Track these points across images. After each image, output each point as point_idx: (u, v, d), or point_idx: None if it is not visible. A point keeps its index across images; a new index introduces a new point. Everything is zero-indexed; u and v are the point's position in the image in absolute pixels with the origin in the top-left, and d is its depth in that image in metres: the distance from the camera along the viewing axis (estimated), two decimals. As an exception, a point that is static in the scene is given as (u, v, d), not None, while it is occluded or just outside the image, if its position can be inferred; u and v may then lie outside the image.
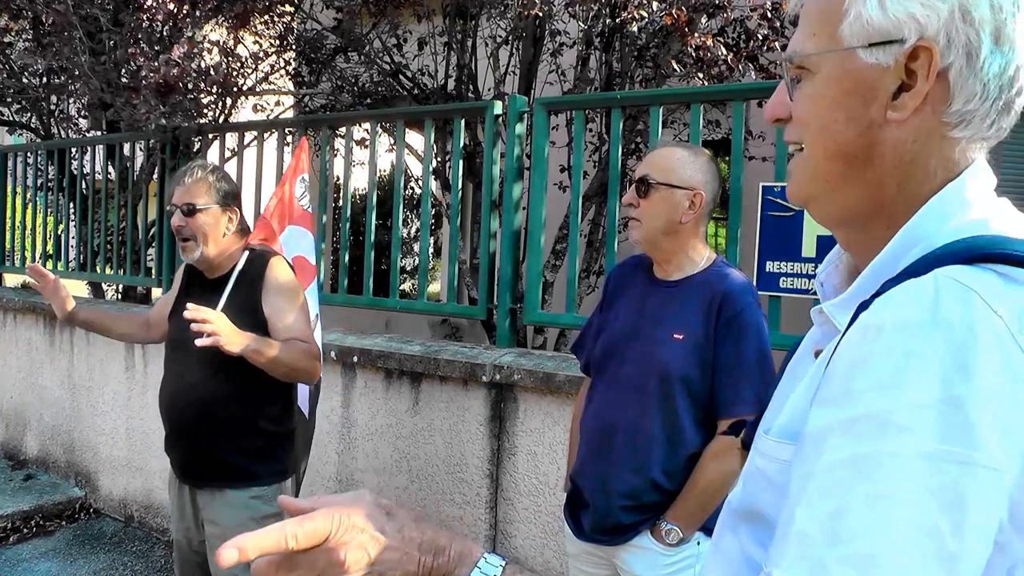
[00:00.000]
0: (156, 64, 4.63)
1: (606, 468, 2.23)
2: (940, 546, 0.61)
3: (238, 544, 0.75)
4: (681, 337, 2.17)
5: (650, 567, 2.18)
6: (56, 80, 6.46)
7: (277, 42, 5.86)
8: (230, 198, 2.77)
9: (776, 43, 4.57)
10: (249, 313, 2.63)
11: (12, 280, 7.16)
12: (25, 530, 5.00)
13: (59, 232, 6.68)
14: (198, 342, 2.32)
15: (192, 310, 2.31)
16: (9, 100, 6.65)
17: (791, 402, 0.84)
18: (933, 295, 0.67)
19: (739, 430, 1.15)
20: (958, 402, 0.63)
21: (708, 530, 2.19)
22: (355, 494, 0.84)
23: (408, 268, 10.27)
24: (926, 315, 0.67)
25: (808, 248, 3.53)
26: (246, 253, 2.76)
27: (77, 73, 5.47)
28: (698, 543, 2.19)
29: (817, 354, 0.88)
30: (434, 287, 9.47)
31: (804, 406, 0.78)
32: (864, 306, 0.73)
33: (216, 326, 2.33)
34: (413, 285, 10.20)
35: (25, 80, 6.53)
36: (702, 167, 2.26)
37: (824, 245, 3.29)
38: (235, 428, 2.67)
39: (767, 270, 3.63)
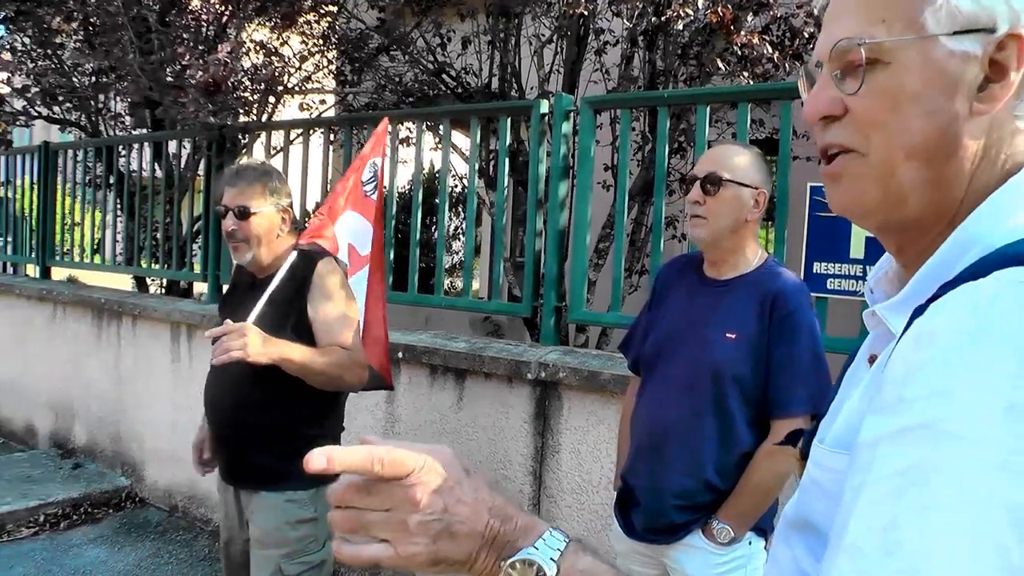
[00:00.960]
0: (204, 63, 4.71)
1: (658, 468, 2.23)
2: (1004, 560, 0.57)
3: (327, 453, 0.75)
4: (734, 336, 2.16)
5: (701, 566, 2.18)
6: (105, 79, 6.58)
7: (321, 41, 5.92)
8: (284, 199, 2.73)
9: (823, 42, 4.52)
10: (292, 316, 2.58)
11: (59, 274, 7.31)
12: (75, 517, 5.12)
13: (105, 227, 6.81)
14: (213, 361, 2.32)
15: (222, 328, 2.33)
16: (61, 99, 6.78)
17: (846, 411, 0.81)
18: (992, 299, 0.64)
19: (796, 439, 1.14)
20: (1020, 410, 0.59)
21: (760, 530, 2.20)
22: (436, 446, 0.82)
23: (446, 266, 10.32)
24: (984, 320, 0.63)
25: (856, 249, 3.50)
26: (294, 253, 2.66)
27: (126, 72, 5.57)
28: (749, 543, 2.19)
29: (872, 359, 0.85)
30: (474, 285, 9.51)
31: (859, 415, 0.75)
32: (919, 311, 0.70)
33: (234, 342, 2.29)
34: (451, 283, 10.25)
35: (75, 80, 6.66)
36: (764, 166, 2.28)
37: (873, 246, 3.26)
38: (268, 432, 2.62)
39: (814, 271, 3.61)
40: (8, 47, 6.73)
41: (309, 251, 2.70)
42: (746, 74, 4.54)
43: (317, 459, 0.75)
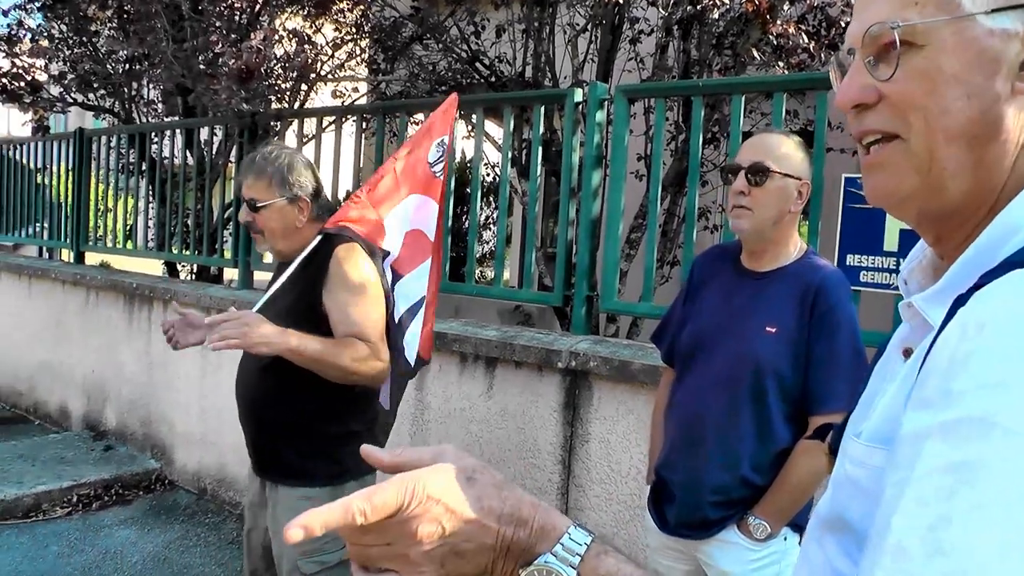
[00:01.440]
0: (237, 50, 4.73)
1: (695, 462, 2.21)
2: None
3: (303, 523, 0.71)
4: (774, 330, 2.13)
5: (736, 562, 2.16)
6: (138, 66, 6.64)
7: (354, 29, 5.93)
8: (299, 188, 2.54)
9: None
10: (308, 304, 2.45)
11: (93, 259, 7.39)
12: (106, 498, 5.19)
13: (137, 213, 6.88)
14: (208, 345, 2.23)
15: (224, 315, 2.25)
16: (95, 85, 6.86)
17: (883, 404, 0.78)
18: None
19: (825, 433, 1.11)
20: None
21: (795, 526, 2.17)
22: (437, 450, 0.79)
23: (477, 256, 10.33)
24: None
25: (890, 242, 3.46)
26: (318, 238, 2.51)
27: (160, 59, 5.61)
28: (784, 539, 2.17)
29: (906, 352, 0.83)
30: (505, 275, 9.52)
31: (897, 409, 0.72)
32: (961, 300, 0.67)
33: (232, 330, 2.20)
34: (481, 272, 10.25)
35: (109, 67, 6.73)
36: (807, 156, 2.25)
37: (907, 238, 3.22)
38: (281, 427, 2.53)
39: (848, 263, 3.57)
40: (45, 34, 6.80)
41: (334, 234, 2.53)
42: (781, 64, 4.48)
43: (294, 532, 0.71)
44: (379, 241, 2.69)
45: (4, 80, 6.68)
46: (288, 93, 5.39)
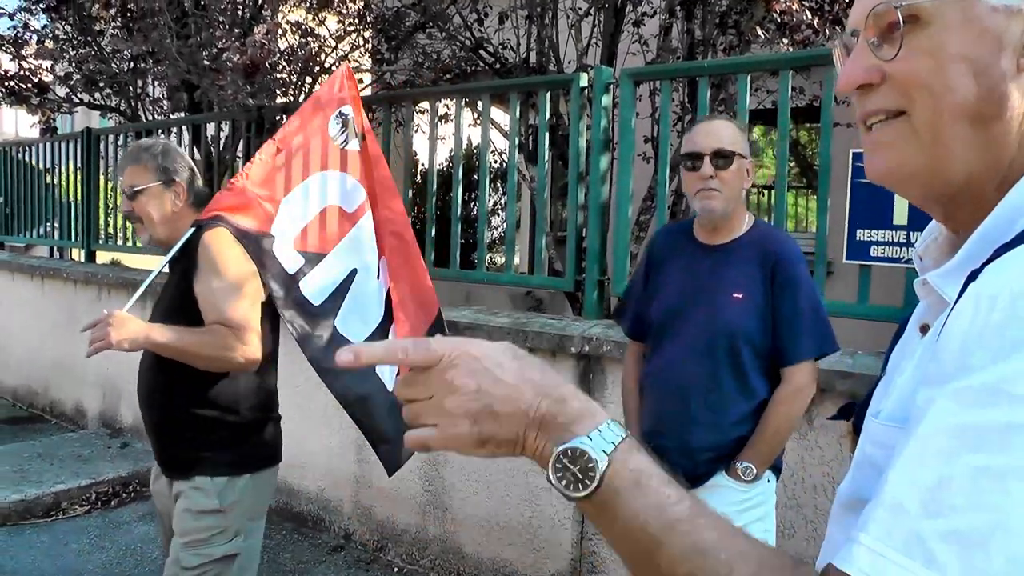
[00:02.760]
0: (241, 45, 4.73)
1: (686, 427, 2.38)
2: None
3: (355, 350, 0.76)
4: (740, 296, 2.33)
5: (727, 503, 2.31)
6: (143, 64, 6.66)
7: (357, 20, 5.92)
8: (173, 173, 2.56)
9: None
10: (183, 295, 2.43)
11: (103, 257, 7.43)
12: (124, 495, 5.22)
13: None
14: (87, 352, 2.24)
15: (94, 320, 2.26)
16: (101, 85, 6.88)
17: (899, 384, 0.78)
18: None
19: (848, 413, 1.10)
20: None
21: (776, 468, 2.44)
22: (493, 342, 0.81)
23: (486, 242, 10.32)
24: None
25: (900, 216, 3.45)
26: (191, 229, 2.49)
27: (164, 56, 5.62)
28: (768, 480, 2.41)
29: (923, 329, 0.82)
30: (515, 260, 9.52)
31: (912, 387, 0.72)
32: (974, 275, 0.68)
33: (103, 331, 2.21)
34: (491, 258, 10.26)
35: (115, 66, 6.74)
36: (747, 138, 2.50)
37: (917, 212, 3.21)
38: (171, 420, 2.50)
39: (857, 239, 3.56)
40: (50, 36, 6.82)
41: (205, 223, 2.50)
42: (785, 41, 4.46)
43: (344, 355, 0.75)
44: (260, 226, 2.65)
45: (11, 83, 6.70)
46: (293, 86, 5.39)
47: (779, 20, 4.39)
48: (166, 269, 2.57)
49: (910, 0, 0.75)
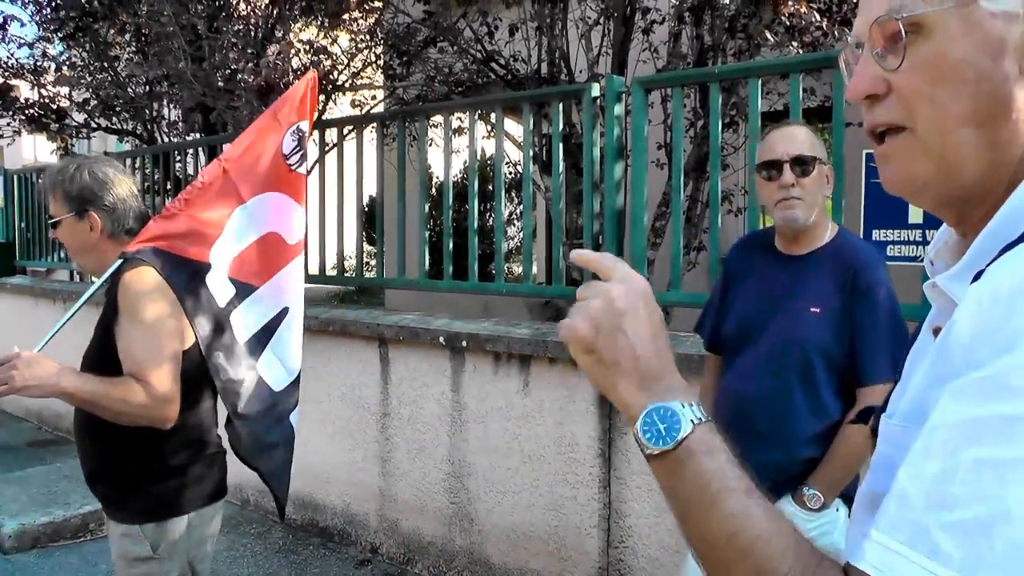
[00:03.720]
0: (255, 67, 4.79)
1: (751, 444, 2.20)
2: None
3: (578, 252, 0.90)
4: (818, 311, 2.22)
5: None
6: (159, 88, 6.74)
7: (368, 37, 5.98)
8: (86, 203, 2.32)
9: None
10: (104, 338, 2.27)
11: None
12: (152, 515, 5.25)
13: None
14: None
15: (3, 356, 2.12)
16: (118, 109, 6.97)
17: (912, 385, 0.79)
18: None
19: (868, 416, 1.12)
20: None
21: (846, 497, 2.25)
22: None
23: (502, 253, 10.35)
24: None
25: (915, 214, 3.45)
26: (117, 262, 2.28)
27: (180, 80, 5.69)
28: (836, 509, 2.25)
29: (936, 331, 0.83)
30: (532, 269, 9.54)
31: (925, 388, 0.74)
32: (980, 275, 0.69)
33: (7, 373, 2.08)
34: (508, 268, 10.29)
35: (131, 90, 6.83)
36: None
37: (932, 211, 3.21)
38: (98, 460, 2.36)
39: (873, 238, 3.57)
40: (68, 63, 6.93)
41: (130, 258, 2.28)
42: (795, 44, 4.47)
43: (576, 255, 0.90)
44: (199, 253, 2.43)
45: (31, 110, 6.80)
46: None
47: (788, 23, 4.41)
48: (85, 304, 2.39)
49: (912, 10, 0.76)
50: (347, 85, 5.97)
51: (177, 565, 2.33)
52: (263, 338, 2.56)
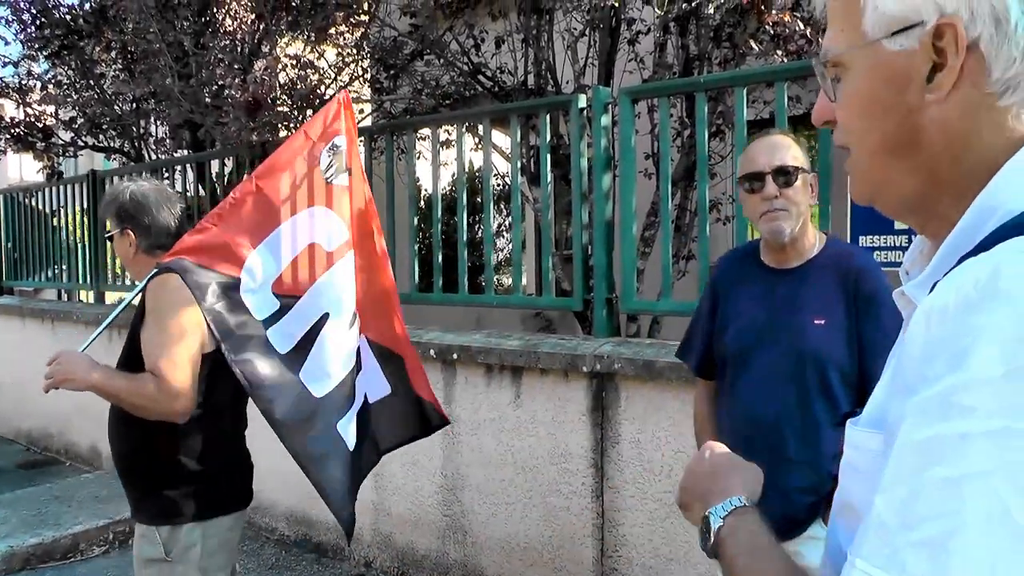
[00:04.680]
0: (243, 83, 4.79)
1: (779, 467, 2.14)
2: (1014, 528, 0.59)
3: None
4: (823, 322, 2.16)
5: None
6: (146, 105, 6.73)
7: (355, 51, 5.99)
8: (125, 221, 2.58)
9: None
10: (134, 340, 2.45)
11: (112, 298, 7.46)
12: (144, 535, 5.22)
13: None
14: (43, 387, 2.34)
15: (52, 357, 2.35)
16: (104, 127, 6.95)
17: (877, 391, 0.83)
18: (992, 269, 0.66)
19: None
20: (1021, 376, 0.61)
21: None
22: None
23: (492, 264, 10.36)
24: (986, 289, 0.65)
25: (897, 220, 3.47)
26: (152, 272, 2.49)
27: (167, 97, 5.69)
28: None
29: None
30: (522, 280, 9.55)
31: (886, 392, 0.78)
32: (935, 286, 0.72)
33: (51, 369, 2.32)
34: (498, 280, 10.30)
35: (117, 108, 6.82)
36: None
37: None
38: (123, 461, 2.51)
39: (860, 244, 3.59)
40: (53, 81, 6.91)
41: (163, 267, 2.47)
42: (780, 52, 4.50)
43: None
44: (229, 269, 2.57)
45: (17, 129, 6.78)
46: (295, 120, 5.45)
47: (772, 32, 4.43)
48: (128, 311, 2.63)
49: (834, 52, 0.85)
50: (336, 99, 5.96)
51: (190, 571, 2.40)
52: (305, 346, 2.67)
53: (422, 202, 9.44)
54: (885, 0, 0.79)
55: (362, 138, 5.22)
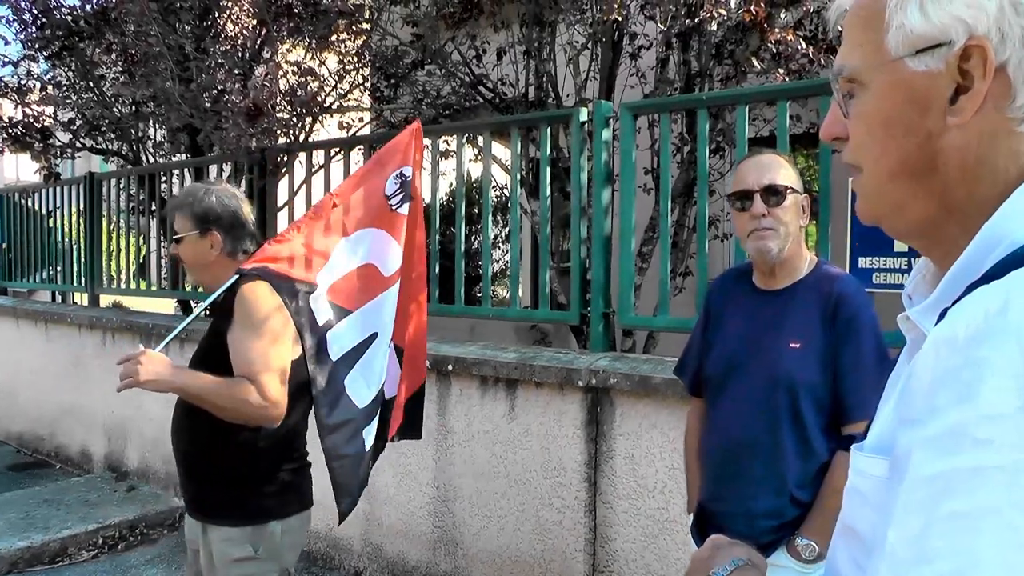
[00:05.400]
0: (243, 88, 4.78)
1: (743, 490, 2.19)
2: None
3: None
4: (798, 345, 2.14)
5: None
6: (146, 108, 6.72)
7: (356, 59, 5.99)
8: (210, 223, 2.58)
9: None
10: (218, 343, 2.46)
11: (107, 300, 7.44)
12: (131, 538, 5.20)
13: (150, 253, 6.92)
14: (117, 387, 2.30)
15: (127, 354, 2.30)
16: (103, 129, 6.93)
17: (882, 416, 0.83)
18: (1004, 300, 0.65)
19: (848, 445, 1.14)
20: None
21: None
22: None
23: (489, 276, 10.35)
24: (997, 322, 0.64)
25: (901, 242, 3.47)
26: (233, 277, 2.52)
27: (167, 100, 5.68)
28: None
29: None
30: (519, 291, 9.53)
31: (892, 421, 0.77)
32: (944, 314, 0.71)
33: (128, 368, 2.26)
34: (494, 292, 10.28)
35: (116, 110, 6.81)
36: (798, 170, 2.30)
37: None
38: (201, 465, 2.53)
39: (860, 266, 3.58)
40: (53, 82, 6.90)
41: (247, 273, 2.52)
42: (781, 71, 4.51)
43: None
44: (301, 275, 2.65)
45: (15, 129, 6.76)
46: (294, 126, 5.44)
47: (774, 50, 4.44)
48: (203, 314, 2.63)
49: (850, 68, 0.83)
50: (334, 107, 5.96)
51: (276, 567, 2.52)
52: (353, 357, 2.77)
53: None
54: (911, 17, 0.77)
55: (361, 147, 5.23)
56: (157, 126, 7.31)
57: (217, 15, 5.95)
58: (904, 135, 0.79)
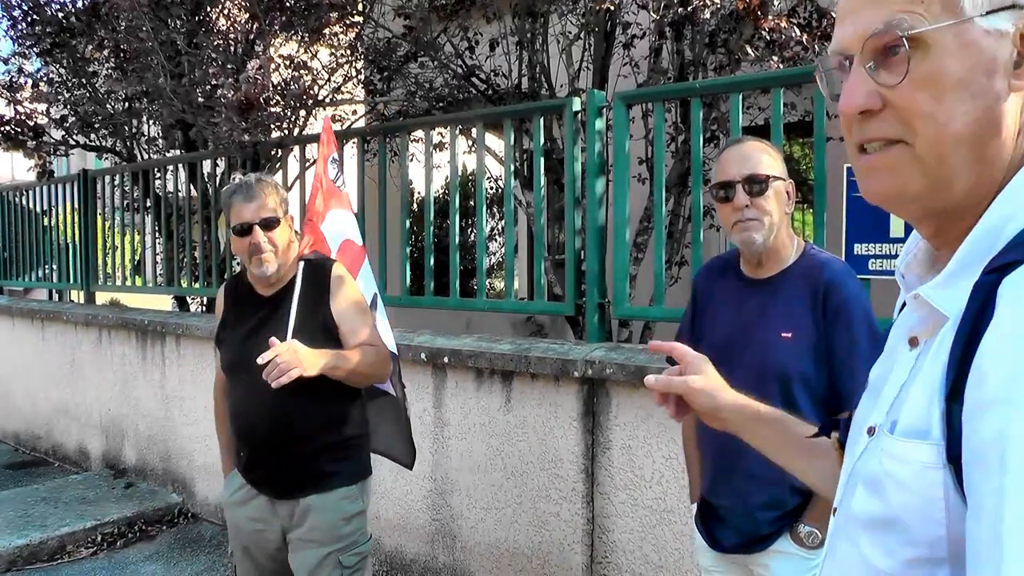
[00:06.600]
0: (235, 82, 4.76)
1: (743, 483, 2.18)
2: None
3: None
4: (790, 335, 2.12)
5: (796, 571, 2.13)
6: (138, 104, 6.69)
7: (349, 52, 5.96)
8: (287, 207, 2.81)
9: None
10: (319, 326, 2.65)
11: (103, 298, 7.43)
12: (130, 535, 5.20)
13: (145, 249, 6.91)
14: (273, 384, 2.33)
15: (273, 350, 2.35)
16: (96, 126, 6.91)
17: (912, 398, 0.78)
18: None
19: (829, 430, 1.11)
20: None
21: None
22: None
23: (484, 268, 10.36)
24: None
25: (896, 228, 3.45)
26: (302, 264, 2.76)
27: (159, 96, 5.65)
28: None
29: (912, 341, 0.83)
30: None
31: (926, 402, 0.74)
32: (981, 286, 0.69)
33: (290, 359, 2.35)
34: (489, 285, 10.28)
35: (109, 107, 6.78)
36: (782, 156, 2.27)
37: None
38: (315, 439, 2.68)
39: (855, 253, 3.56)
40: (45, 79, 6.87)
41: (317, 259, 2.84)
42: (775, 58, 4.49)
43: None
44: (331, 256, 3.03)
45: (7, 127, 6.74)
46: (287, 120, 5.41)
47: (768, 38, 4.42)
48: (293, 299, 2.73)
49: (912, 26, 0.76)
50: (327, 100, 5.93)
51: (367, 521, 2.81)
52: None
53: (414, 205, 9.42)
54: None
55: (354, 140, 5.21)
56: (150, 122, 7.28)
57: (209, 10, 5.91)
58: (974, 98, 0.76)
